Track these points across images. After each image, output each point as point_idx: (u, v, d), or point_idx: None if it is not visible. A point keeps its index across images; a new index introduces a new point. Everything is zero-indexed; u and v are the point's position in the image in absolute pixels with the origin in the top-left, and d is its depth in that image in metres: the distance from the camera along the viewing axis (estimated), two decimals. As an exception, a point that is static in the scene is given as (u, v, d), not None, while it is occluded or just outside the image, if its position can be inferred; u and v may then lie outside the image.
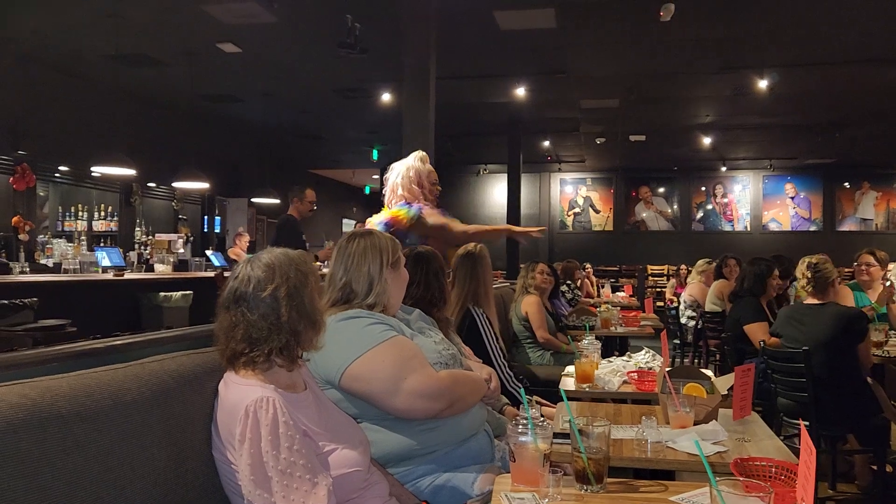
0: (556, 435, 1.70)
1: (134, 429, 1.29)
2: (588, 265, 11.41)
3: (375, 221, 3.43)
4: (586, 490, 1.51)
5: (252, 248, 10.77)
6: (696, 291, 7.31)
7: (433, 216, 3.39)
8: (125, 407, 1.28)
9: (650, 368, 3.04)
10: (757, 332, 4.22)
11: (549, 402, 2.87)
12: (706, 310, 6.56)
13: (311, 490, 1.36)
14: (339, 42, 6.21)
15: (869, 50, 7.48)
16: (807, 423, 3.42)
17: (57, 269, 7.16)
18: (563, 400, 2.41)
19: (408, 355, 1.88)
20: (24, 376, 1.19)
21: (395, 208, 3.45)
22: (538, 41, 7.33)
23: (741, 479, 1.14)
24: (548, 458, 1.50)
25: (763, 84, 8.20)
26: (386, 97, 9.08)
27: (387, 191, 3.56)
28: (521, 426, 1.54)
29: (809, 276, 3.60)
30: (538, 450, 1.50)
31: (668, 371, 2.18)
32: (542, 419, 1.62)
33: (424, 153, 3.56)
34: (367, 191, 17.84)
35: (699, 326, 6.78)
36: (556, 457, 1.71)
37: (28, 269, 6.33)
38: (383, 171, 14.40)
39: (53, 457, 1.10)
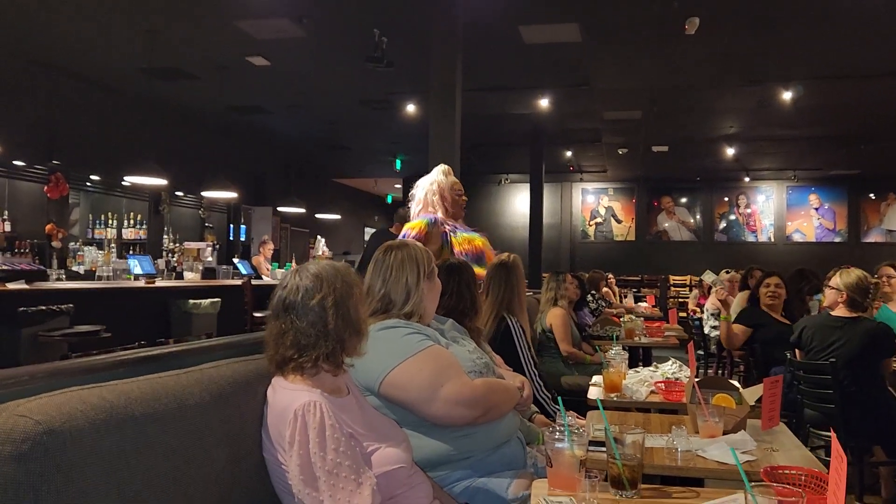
0: (590, 443, 1.76)
1: (196, 430, 1.37)
2: (610, 275, 11.41)
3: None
4: (621, 495, 1.57)
5: (276, 257, 10.92)
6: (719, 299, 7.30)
7: (435, 241, 3.43)
8: (188, 409, 1.36)
9: (677, 379, 3.08)
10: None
11: (574, 412, 2.91)
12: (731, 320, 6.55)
13: (357, 489, 1.44)
14: (367, 56, 6.33)
15: (893, 62, 7.46)
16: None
17: (89, 275, 7.34)
18: (592, 410, 2.48)
19: (444, 364, 1.95)
20: (98, 380, 1.28)
21: (413, 220, 3.53)
22: (562, 54, 7.39)
23: (774, 484, 1.19)
24: (584, 463, 1.57)
25: (788, 96, 8.19)
26: (410, 108, 9.19)
27: (412, 205, 3.64)
28: (557, 433, 1.60)
29: (856, 296, 3.59)
30: (574, 456, 1.57)
31: (697, 381, 2.23)
32: (577, 427, 1.68)
33: (447, 166, 3.62)
34: (390, 200, 17.98)
35: (723, 337, 6.77)
36: (589, 464, 1.77)
37: (64, 276, 6.49)
38: (406, 180, 14.45)
39: (130, 455, 1.18)
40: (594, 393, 2.92)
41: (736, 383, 2.78)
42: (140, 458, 1.20)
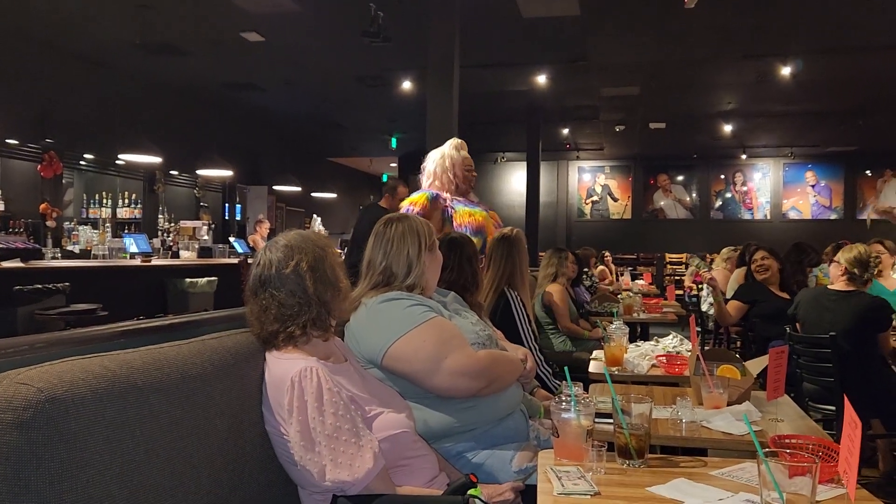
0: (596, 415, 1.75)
1: (199, 400, 1.35)
2: (607, 252, 11.41)
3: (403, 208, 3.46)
4: (628, 465, 1.56)
5: (272, 235, 10.86)
6: (720, 277, 7.31)
7: (436, 216, 3.40)
8: (191, 380, 1.35)
9: (678, 353, 3.08)
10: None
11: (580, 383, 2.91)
12: (728, 297, 6.56)
13: (358, 452, 1.44)
14: (363, 31, 6.24)
15: (894, 36, 7.41)
16: (833, 407, 3.44)
17: (84, 255, 7.30)
18: (591, 384, 2.47)
19: (448, 336, 1.93)
20: (98, 351, 1.25)
21: (414, 195, 3.51)
22: (560, 29, 7.31)
23: (788, 450, 1.18)
24: (591, 433, 1.55)
25: (787, 71, 8.14)
26: (406, 85, 9.10)
27: (422, 178, 3.62)
28: (564, 403, 1.59)
29: (854, 270, 3.59)
30: (581, 426, 1.55)
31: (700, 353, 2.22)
32: (583, 397, 1.67)
33: (461, 141, 3.58)
34: (385, 179, 17.90)
35: (721, 313, 6.78)
36: (595, 436, 1.76)
37: (59, 255, 6.46)
38: (402, 159, 14.32)
39: (133, 425, 1.16)
40: (595, 367, 2.91)
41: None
42: (143, 428, 1.18)
